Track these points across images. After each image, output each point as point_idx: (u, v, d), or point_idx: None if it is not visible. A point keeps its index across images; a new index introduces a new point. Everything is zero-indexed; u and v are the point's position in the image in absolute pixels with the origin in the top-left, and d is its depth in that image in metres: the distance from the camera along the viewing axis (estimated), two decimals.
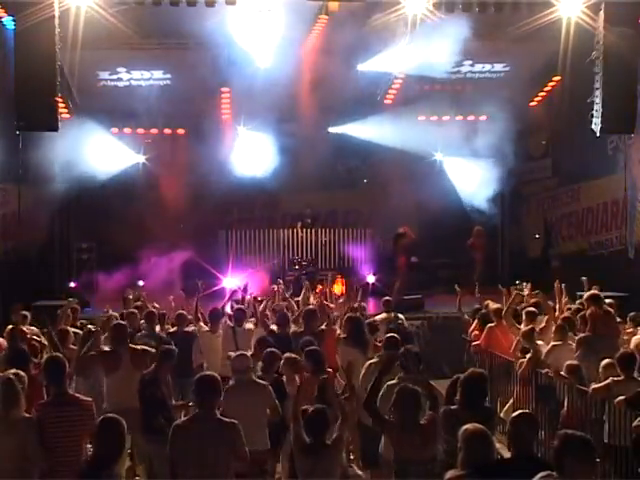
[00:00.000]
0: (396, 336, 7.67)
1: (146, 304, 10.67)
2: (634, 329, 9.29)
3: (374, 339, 8.71)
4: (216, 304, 10.37)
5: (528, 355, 8.46)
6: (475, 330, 10.24)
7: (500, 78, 16.55)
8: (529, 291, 11.45)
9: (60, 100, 12.35)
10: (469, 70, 16.75)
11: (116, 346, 7.71)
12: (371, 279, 16.41)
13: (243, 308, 9.79)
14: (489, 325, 9.80)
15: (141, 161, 17.90)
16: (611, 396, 6.86)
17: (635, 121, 12.60)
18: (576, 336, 8.64)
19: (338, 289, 15.40)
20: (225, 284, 13.54)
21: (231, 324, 9.31)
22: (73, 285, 16.49)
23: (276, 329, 9.01)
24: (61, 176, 16.94)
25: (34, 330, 8.93)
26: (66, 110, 15.01)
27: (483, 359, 9.65)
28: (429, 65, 14.91)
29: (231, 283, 13.33)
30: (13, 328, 8.36)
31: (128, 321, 8.98)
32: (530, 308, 9.81)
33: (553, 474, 4.06)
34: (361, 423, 7.14)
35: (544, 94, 17.02)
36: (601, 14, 12.29)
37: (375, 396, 5.79)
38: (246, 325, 9.31)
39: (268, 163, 17.19)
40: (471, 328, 10.52)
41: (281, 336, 8.66)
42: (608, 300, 9.61)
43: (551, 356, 8.48)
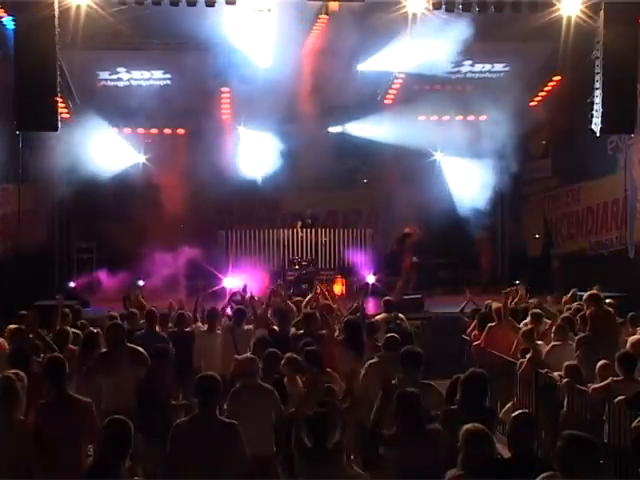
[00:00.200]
0: (396, 336, 7.65)
1: (144, 304, 10.66)
2: (632, 329, 9.29)
3: (375, 339, 8.70)
4: (215, 304, 10.36)
5: (528, 355, 8.46)
6: (474, 330, 10.24)
7: (500, 78, 16.55)
8: (525, 292, 11.51)
9: (60, 100, 12.34)
10: (469, 70, 16.76)
11: (113, 346, 7.70)
12: (371, 279, 16.42)
13: (242, 309, 9.78)
14: (489, 325, 9.80)
15: (141, 161, 17.91)
16: (611, 396, 6.86)
17: (635, 121, 12.61)
18: (576, 336, 8.65)
19: (338, 289, 15.40)
20: (225, 284, 13.54)
21: (230, 325, 9.31)
22: (73, 285, 16.51)
23: (276, 329, 9.01)
24: (61, 176, 16.96)
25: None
26: (66, 110, 15.02)
27: (483, 359, 9.64)
28: (429, 65, 14.95)
29: (231, 283, 13.33)
30: (16, 328, 8.34)
31: (128, 321, 8.97)
32: (536, 310, 9.83)
33: (556, 474, 4.07)
34: (361, 424, 7.13)
35: (544, 94, 17.01)
36: (601, 14, 12.30)
37: (380, 422, 5.74)
38: (245, 326, 9.30)
39: (268, 163, 17.18)
40: (470, 328, 10.54)
41: (281, 336, 8.64)
42: (608, 300, 9.62)
43: (551, 356, 8.49)
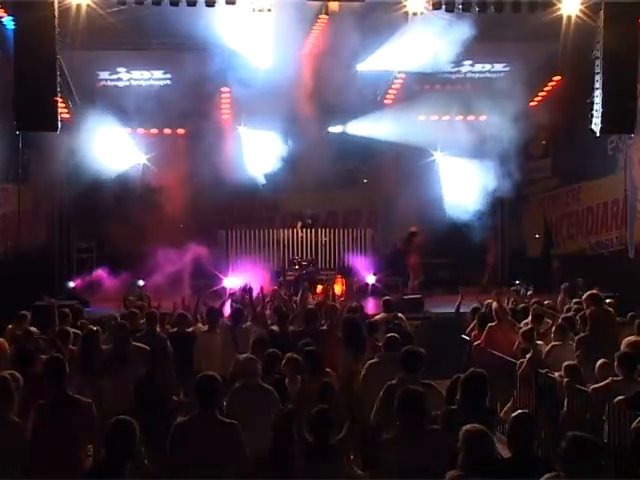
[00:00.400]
0: (396, 336, 7.65)
1: (145, 304, 10.66)
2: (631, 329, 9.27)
3: (375, 339, 8.70)
4: (215, 304, 10.36)
5: (528, 355, 8.46)
6: (474, 330, 10.24)
7: (500, 78, 16.54)
8: (526, 292, 11.55)
9: (60, 100, 12.34)
10: (469, 70, 16.75)
11: (119, 346, 7.71)
12: (371, 279, 16.42)
13: (241, 308, 9.79)
14: (489, 325, 9.81)
15: (141, 161, 17.89)
16: (611, 396, 6.85)
17: (635, 121, 12.60)
18: (576, 336, 8.65)
19: (338, 289, 15.39)
20: (225, 284, 13.54)
21: (229, 324, 9.31)
22: (73, 285, 16.50)
23: (276, 329, 9.01)
24: (61, 176, 16.97)
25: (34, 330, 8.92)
26: (66, 110, 15.01)
27: (483, 359, 9.63)
28: (429, 65, 14.94)
29: (231, 283, 13.33)
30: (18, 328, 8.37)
31: (129, 321, 8.98)
32: (536, 310, 9.83)
33: (560, 474, 4.08)
34: (361, 423, 7.12)
35: (544, 94, 17.00)
36: (601, 14, 12.29)
37: (381, 422, 5.72)
38: (245, 325, 9.30)
39: (268, 163, 17.18)
40: (469, 328, 10.54)
41: (280, 336, 8.65)
42: (608, 300, 9.62)
43: (551, 356, 8.49)
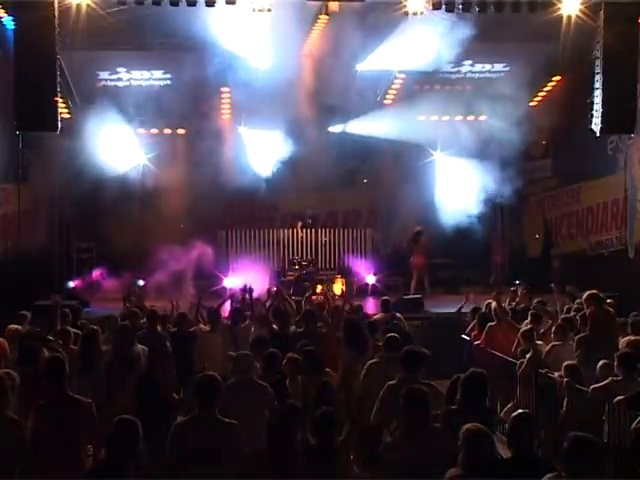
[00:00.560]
0: (396, 336, 7.65)
1: (144, 304, 10.67)
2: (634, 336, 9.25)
3: (375, 339, 8.70)
4: (216, 304, 10.36)
5: (528, 355, 8.46)
6: (474, 330, 10.25)
7: (500, 78, 16.54)
8: (524, 293, 11.57)
9: (60, 100, 12.34)
10: (469, 70, 16.75)
11: (122, 346, 7.71)
12: (371, 279, 16.41)
13: (240, 307, 9.79)
14: (489, 325, 9.81)
15: (141, 161, 17.88)
16: (611, 396, 6.85)
17: (635, 121, 12.60)
18: (576, 336, 8.65)
19: (338, 289, 15.40)
20: (225, 284, 13.56)
21: (229, 324, 9.31)
22: (73, 285, 16.50)
23: (276, 329, 9.01)
24: (61, 176, 16.97)
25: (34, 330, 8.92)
26: (66, 110, 15.01)
27: (483, 359, 9.64)
28: (429, 65, 14.94)
29: (231, 283, 13.34)
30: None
31: (130, 321, 8.99)
32: (535, 309, 9.83)
33: (561, 474, 4.08)
34: (361, 423, 7.13)
35: (544, 94, 17.00)
36: (601, 13, 12.30)
37: (381, 422, 5.81)
38: (245, 325, 9.31)
39: (268, 163, 17.18)
40: (469, 328, 10.54)
41: (280, 336, 8.65)
42: (608, 300, 9.61)
43: (551, 356, 8.49)
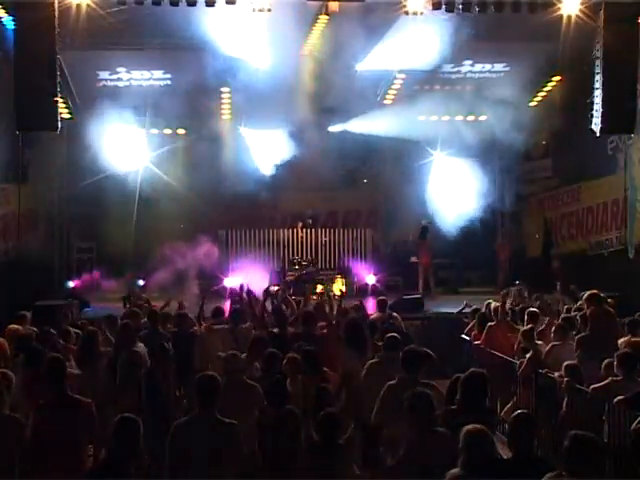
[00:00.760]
0: (396, 336, 7.64)
1: (145, 304, 10.68)
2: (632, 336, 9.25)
3: (375, 339, 8.70)
4: (216, 304, 10.37)
5: (528, 355, 8.46)
6: (474, 330, 10.25)
7: (500, 78, 16.55)
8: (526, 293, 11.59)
9: (60, 100, 12.34)
10: (469, 70, 16.75)
11: (124, 346, 7.71)
12: (371, 279, 16.41)
13: (241, 308, 9.79)
14: (489, 324, 9.81)
15: (141, 161, 17.88)
16: (611, 396, 6.85)
17: (635, 121, 12.60)
18: (576, 336, 8.65)
19: (338, 289, 15.40)
20: (225, 284, 13.56)
21: (230, 324, 9.31)
22: (73, 285, 16.51)
23: (275, 329, 9.00)
24: (61, 176, 16.97)
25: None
26: (66, 110, 15.01)
27: (483, 359, 9.64)
28: (429, 64, 14.95)
29: (231, 283, 13.34)
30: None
31: (130, 320, 8.99)
32: (532, 309, 9.83)
33: (562, 474, 4.08)
34: (361, 423, 7.12)
35: (544, 94, 17.02)
36: (601, 14, 12.30)
37: (381, 422, 5.85)
38: (244, 325, 9.30)
39: (268, 163, 17.19)
40: (469, 328, 10.54)
41: (279, 336, 8.64)
42: (608, 300, 9.62)
43: (551, 356, 8.48)
